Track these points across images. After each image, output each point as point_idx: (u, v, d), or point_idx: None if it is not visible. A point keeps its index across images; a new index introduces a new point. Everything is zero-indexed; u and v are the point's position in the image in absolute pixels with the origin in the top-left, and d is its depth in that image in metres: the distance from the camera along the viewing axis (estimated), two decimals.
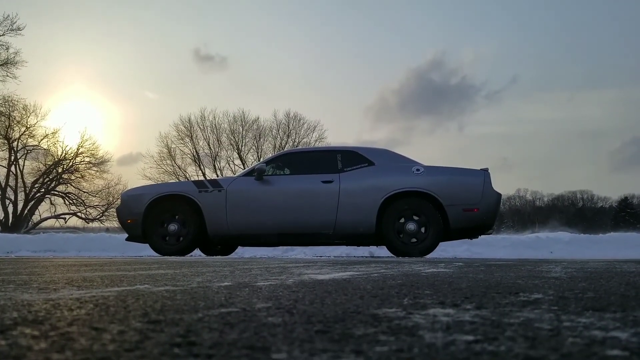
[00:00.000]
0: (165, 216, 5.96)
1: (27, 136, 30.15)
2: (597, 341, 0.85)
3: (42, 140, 30.62)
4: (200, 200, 5.88)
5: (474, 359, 0.72)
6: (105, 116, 52.33)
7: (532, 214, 70.85)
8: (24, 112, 29.41)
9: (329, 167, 5.95)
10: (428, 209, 5.66)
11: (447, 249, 7.75)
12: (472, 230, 5.83)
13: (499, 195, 5.88)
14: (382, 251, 6.79)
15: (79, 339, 0.86)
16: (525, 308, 1.26)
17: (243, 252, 7.48)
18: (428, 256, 5.64)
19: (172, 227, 5.93)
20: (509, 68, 78.30)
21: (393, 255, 5.79)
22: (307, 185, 5.86)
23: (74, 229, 39.19)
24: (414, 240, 5.68)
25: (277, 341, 0.84)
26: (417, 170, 5.81)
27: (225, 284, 1.94)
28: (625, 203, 52.65)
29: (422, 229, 5.69)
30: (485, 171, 5.87)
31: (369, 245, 6.30)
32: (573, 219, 63.31)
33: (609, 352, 0.77)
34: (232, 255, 6.73)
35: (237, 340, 0.84)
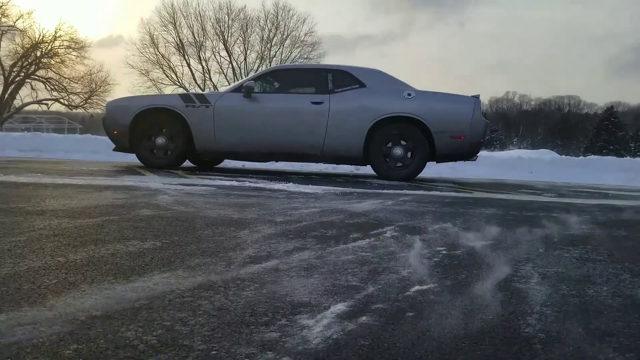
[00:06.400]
0: (153, 129, 5.93)
1: (0, 15, 28.54)
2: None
3: (17, 20, 29.09)
4: (187, 115, 5.81)
5: None
6: None
7: (517, 118, 71.24)
8: None
9: (320, 87, 5.85)
10: (416, 135, 5.70)
11: (431, 166, 7.92)
12: (457, 156, 5.95)
13: (487, 123, 5.93)
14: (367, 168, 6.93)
15: None
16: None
17: (235, 163, 7.58)
18: None
19: (160, 140, 5.92)
20: None
21: (376, 174, 5.92)
22: (296, 105, 5.79)
23: (58, 115, 38.60)
24: (400, 164, 5.78)
25: None
26: (409, 95, 5.75)
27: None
28: (610, 112, 52.94)
29: (409, 154, 5.78)
30: (476, 98, 5.84)
31: (355, 165, 6.41)
32: (557, 124, 63.94)
33: None
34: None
35: None
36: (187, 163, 6.65)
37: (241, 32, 34.34)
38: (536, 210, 3.34)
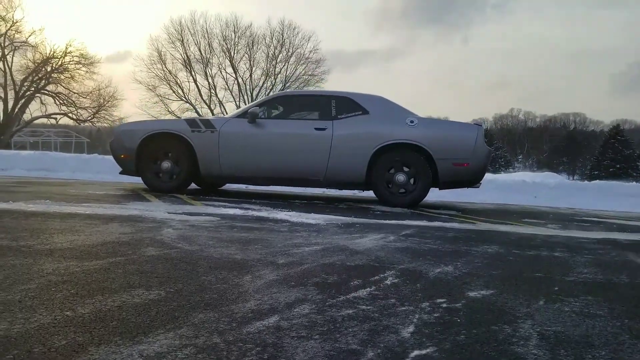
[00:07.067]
0: (159, 153, 6.01)
1: (14, 31, 29.04)
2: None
3: (29, 36, 29.60)
4: (193, 140, 5.90)
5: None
6: (90, 11, 49.83)
7: (522, 135, 71.25)
8: (9, 7, 28.08)
9: (323, 113, 5.93)
10: (419, 162, 5.75)
11: (434, 190, 7.95)
12: (460, 183, 5.98)
13: (490, 150, 5.97)
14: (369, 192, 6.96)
15: None
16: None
17: (238, 185, 7.63)
18: None
19: (165, 164, 6.00)
20: None
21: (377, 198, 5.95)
22: (299, 131, 5.86)
23: (66, 129, 38.90)
24: (402, 191, 5.82)
25: None
26: (411, 122, 5.81)
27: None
28: (616, 130, 52.86)
29: (411, 181, 5.82)
30: (479, 126, 5.91)
31: (357, 190, 6.45)
32: (563, 142, 63.86)
33: None
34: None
35: None
36: (191, 185, 6.72)
37: (247, 49, 34.76)
38: (538, 248, 3.36)
